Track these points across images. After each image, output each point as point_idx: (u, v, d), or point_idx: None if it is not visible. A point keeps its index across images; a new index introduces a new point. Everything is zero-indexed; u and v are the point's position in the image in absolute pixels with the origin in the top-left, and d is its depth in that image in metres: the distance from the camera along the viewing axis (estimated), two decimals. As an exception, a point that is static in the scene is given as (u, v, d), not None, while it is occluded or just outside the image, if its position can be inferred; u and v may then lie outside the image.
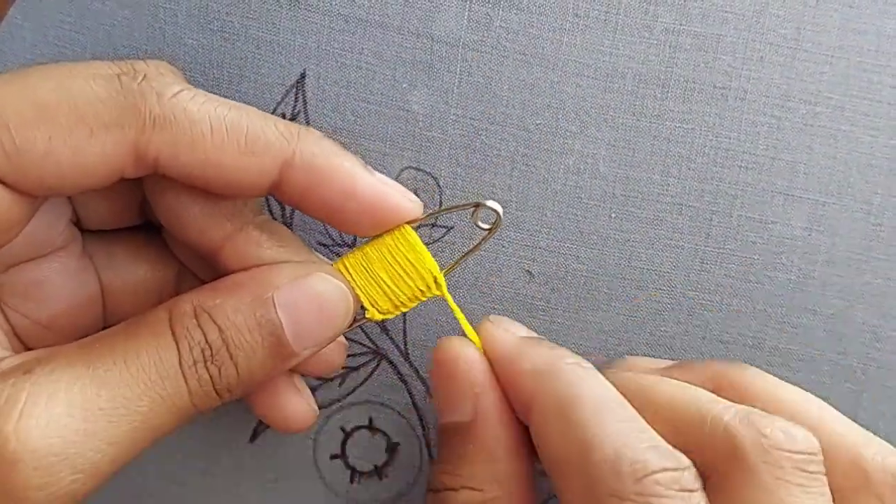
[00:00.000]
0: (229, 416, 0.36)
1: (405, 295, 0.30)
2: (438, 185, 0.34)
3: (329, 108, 0.34)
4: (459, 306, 0.31)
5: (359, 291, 0.30)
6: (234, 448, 0.36)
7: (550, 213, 0.34)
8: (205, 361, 0.26)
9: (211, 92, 0.33)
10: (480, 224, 0.31)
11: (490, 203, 0.30)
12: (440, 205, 0.34)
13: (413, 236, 0.30)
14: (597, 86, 0.33)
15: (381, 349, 0.35)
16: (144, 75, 0.26)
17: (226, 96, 0.33)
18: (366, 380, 0.36)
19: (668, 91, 0.33)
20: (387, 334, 0.35)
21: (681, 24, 0.33)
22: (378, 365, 0.35)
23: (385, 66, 0.34)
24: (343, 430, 0.36)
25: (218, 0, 0.33)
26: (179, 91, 0.26)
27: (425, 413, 0.36)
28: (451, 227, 0.34)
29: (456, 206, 0.32)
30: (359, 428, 0.36)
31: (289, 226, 0.34)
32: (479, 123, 0.34)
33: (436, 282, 0.30)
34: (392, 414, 0.36)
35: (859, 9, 0.33)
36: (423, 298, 0.31)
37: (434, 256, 0.30)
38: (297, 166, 0.27)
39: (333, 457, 0.36)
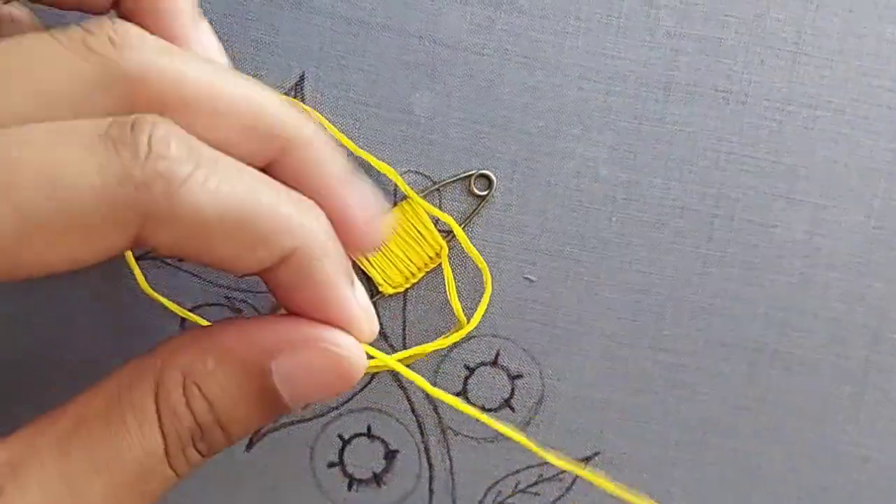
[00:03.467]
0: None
1: (415, 265, 0.34)
2: (439, 190, 0.34)
3: (328, 110, 0.33)
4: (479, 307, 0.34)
5: (372, 269, 0.33)
6: (230, 457, 0.36)
7: (552, 216, 0.34)
8: (194, 443, 0.24)
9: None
10: (476, 191, 0.33)
11: (483, 171, 0.34)
12: (440, 209, 0.34)
13: (424, 205, 0.33)
14: (598, 89, 0.33)
15: (381, 355, 0.35)
16: (149, 147, 0.21)
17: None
18: (364, 387, 0.35)
19: (669, 94, 0.33)
20: (386, 341, 0.35)
21: (682, 28, 0.33)
22: (376, 372, 0.35)
23: (386, 68, 0.33)
24: (341, 437, 0.35)
25: (217, 1, 0.33)
26: (190, 175, 0.22)
27: (424, 420, 0.35)
28: (451, 232, 0.34)
29: (455, 178, 0.34)
30: (357, 435, 0.36)
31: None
32: (480, 126, 0.34)
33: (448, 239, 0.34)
34: (391, 421, 0.35)
35: (859, 13, 0.33)
36: (433, 266, 0.34)
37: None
38: (292, 264, 0.24)
39: (331, 465, 0.36)
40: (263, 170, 0.24)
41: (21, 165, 0.20)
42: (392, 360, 0.28)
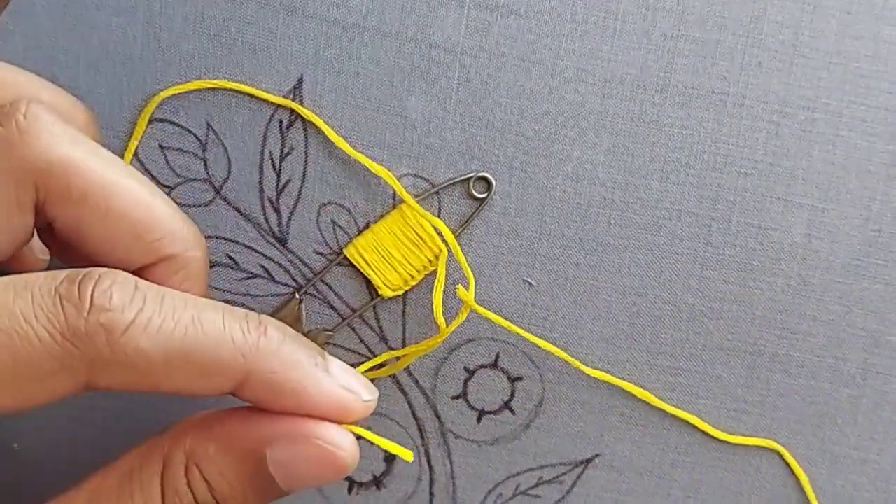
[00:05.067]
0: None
1: (414, 267, 0.34)
2: (437, 193, 0.34)
3: (326, 114, 0.34)
4: (459, 315, 0.33)
5: (371, 272, 0.34)
6: (230, 460, 0.36)
7: (549, 219, 0.34)
8: None
9: (210, 99, 0.34)
10: (476, 194, 0.34)
11: (482, 174, 0.34)
12: (440, 212, 0.34)
13: (417, 209, 0.33)
14: (595, 92, 0.33)
15: (379, 358, 0.35)
16: (91, 301, 0.24)
17: (223, 104, 0.34)
18: (363, 389, 0.35)
19: (666, 97, 0.33)
20: (385, 343, 0.35)
21: (679, 30, 0.33)
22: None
23: (383, 72, 0.33)
24: (341, 440, 0.36)
25: (214, 6, 0.33)
26: (131, 322, 0.24)
27: (424, 423, 0.35)
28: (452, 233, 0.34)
29: (453, 181, 0.34)
30: (357, 439, 0.35)
31: (284, 237, 0.34)
32: (477, 130, 0.34)
33: (444, 243, 0.34)
34: (391, 424, 0.35)
35: (857, 15, 0.33)
36: (432, 268, 0.34)
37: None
38: (253, 383, 0.26)
39: (331, 468, 0.36)
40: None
41: None
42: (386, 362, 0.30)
